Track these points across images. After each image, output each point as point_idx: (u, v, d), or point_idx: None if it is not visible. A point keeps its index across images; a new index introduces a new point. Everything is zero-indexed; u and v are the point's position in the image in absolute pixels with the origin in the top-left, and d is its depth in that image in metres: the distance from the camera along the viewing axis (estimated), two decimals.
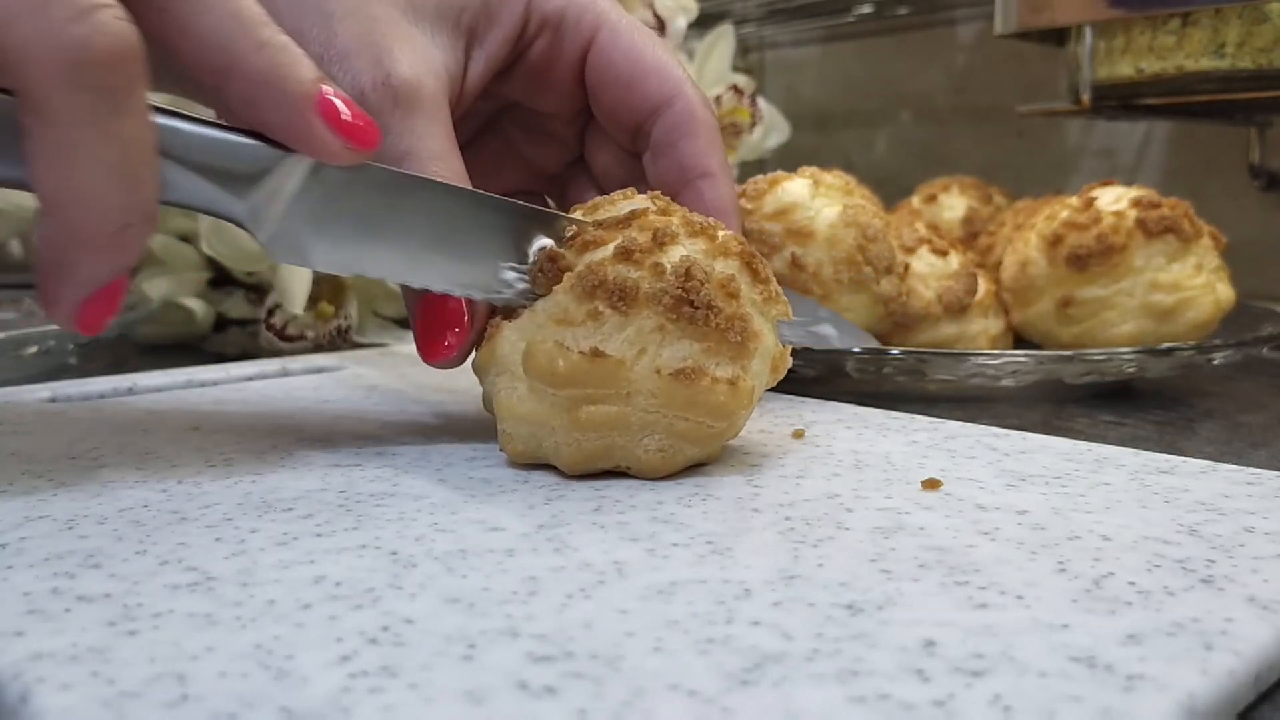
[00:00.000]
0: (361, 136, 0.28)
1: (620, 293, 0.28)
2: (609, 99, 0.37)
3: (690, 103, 0.36)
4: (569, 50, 0.37)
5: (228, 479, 0.29)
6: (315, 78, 0.27)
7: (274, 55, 0.26)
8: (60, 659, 0.18)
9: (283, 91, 0.27)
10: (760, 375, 0.30)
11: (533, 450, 0.30)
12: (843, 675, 0.18)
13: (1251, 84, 0.56)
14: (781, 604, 0.21)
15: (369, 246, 0.29)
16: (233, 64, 0.26)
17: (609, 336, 0.28)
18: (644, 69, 0.36)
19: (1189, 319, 0.48)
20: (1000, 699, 0.17)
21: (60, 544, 0.24)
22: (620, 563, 0.23)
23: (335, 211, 0.29)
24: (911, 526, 0.26)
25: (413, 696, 0.17)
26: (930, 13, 0.90)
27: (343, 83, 0.32)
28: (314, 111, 0.27)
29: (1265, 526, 0.26)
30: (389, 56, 0.32)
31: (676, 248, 0.29)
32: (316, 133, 0.27)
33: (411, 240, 0.30)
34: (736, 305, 0.29)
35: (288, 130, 0.27)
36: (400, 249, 0.30)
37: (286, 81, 0.27)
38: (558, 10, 0.36)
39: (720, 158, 0.37)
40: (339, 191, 0.29)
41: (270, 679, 0.18)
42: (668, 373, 0.28)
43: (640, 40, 0.37)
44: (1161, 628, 0.20)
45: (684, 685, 0.18)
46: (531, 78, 0.38)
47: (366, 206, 0.29)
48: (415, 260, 0.30)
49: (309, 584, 0.22)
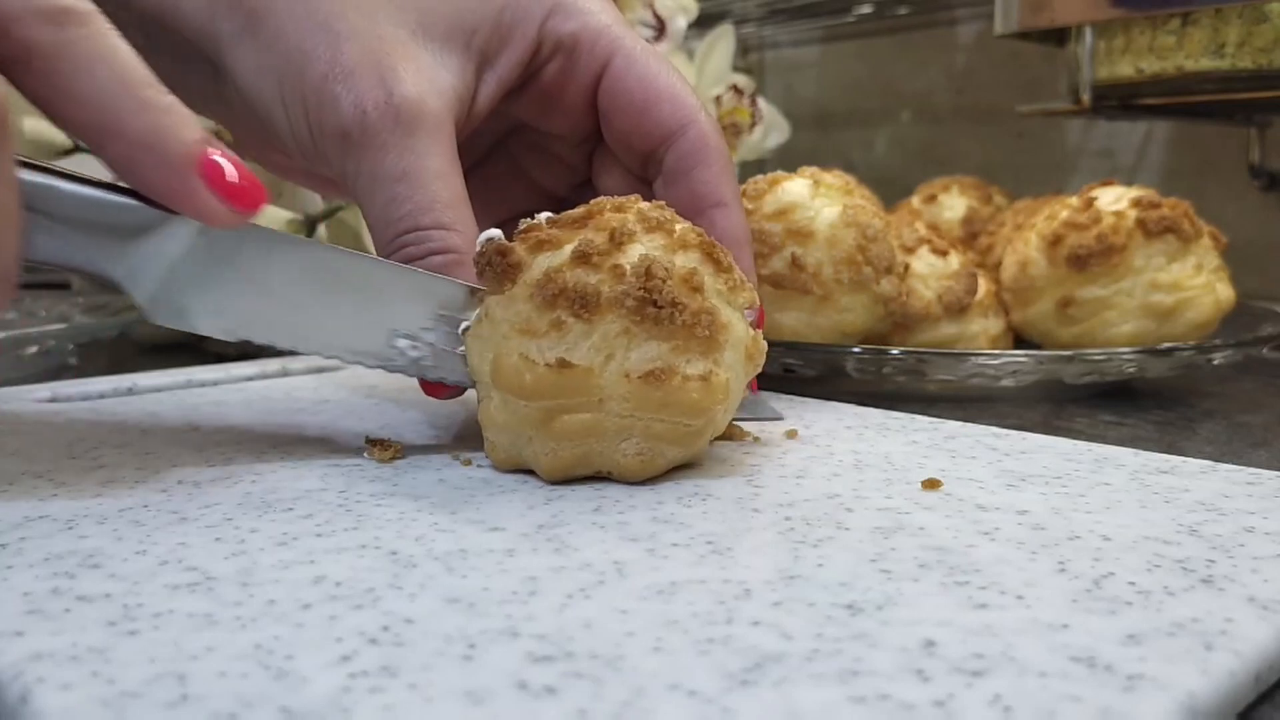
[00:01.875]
0: (246, 199, 0.27)
1: (582, 300, 0.28)
2: (622, 124, 0.37)
3: (703, 131, 0.36)
4: (582, 74, 0.37)
5: (228, 479, 0.29)
6: (199, 139, 0.27)
7: (157, 117, 0.26)
8: (60, 659, 0.18)
9: (164, 153, 0.26)
10: (735, 366, 0.30)
11: (515, 458, 0.30)
12: (843, 675, 0.18)
13: (1251, 84, 0.56)
14: (782, 604, 0.21)
15: (254, 312, 0.29)
16: (114, 126, 0.26)
17: (574, 345, 0.28)
18: (658, 95, 0.36)
19: (1189, 319, 0.48)
20: (1000, 699, 0.17)
21: (60, 544, 0.24)
22: (620, 563, 0.23)
23: (218, 275, 0.28)
24: (911, 526, 0.26)
25: (413, 696, 0.17)
26: (930, 13, 0.90)
27: (345, 100, 0.32)
28: (196, 173, 0.26)
29: (1265, 526, 0.26)
30: (393, 75, 0.32)
31: (635, 246, 0.29)
32: (199, 195, 0.27)
33: (298, 306, 0.29)
34: (701, 299, 0.29)
35: (169, 193, 0.27)
36: (287, 315, 0.29)
37: (168, 143, 0.26)
38: (572, 34, 0.36)
39: (732, 187, 0.37)
40: (222, 254, 0.28)
41: (270, 679, 0.18)
42: (637, 376, 0.28)
43: (655, 67, 0.37)
44: (1161, 628, 0.20)
45: (684, 685, 0.18)
46: (542, 100, 0.38)
47: (252, 271, 0.29)
48: (302, 327, 0.30)
49: (309, 584, 0.22)
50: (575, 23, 0.36)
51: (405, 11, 0.34)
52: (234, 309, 0.29)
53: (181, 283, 0.28)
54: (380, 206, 0.32)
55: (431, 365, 0.31)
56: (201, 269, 0.28)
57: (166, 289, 0.28)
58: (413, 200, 0.32)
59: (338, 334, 0.30)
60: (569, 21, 0.36)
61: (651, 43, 0.68)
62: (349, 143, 0.32)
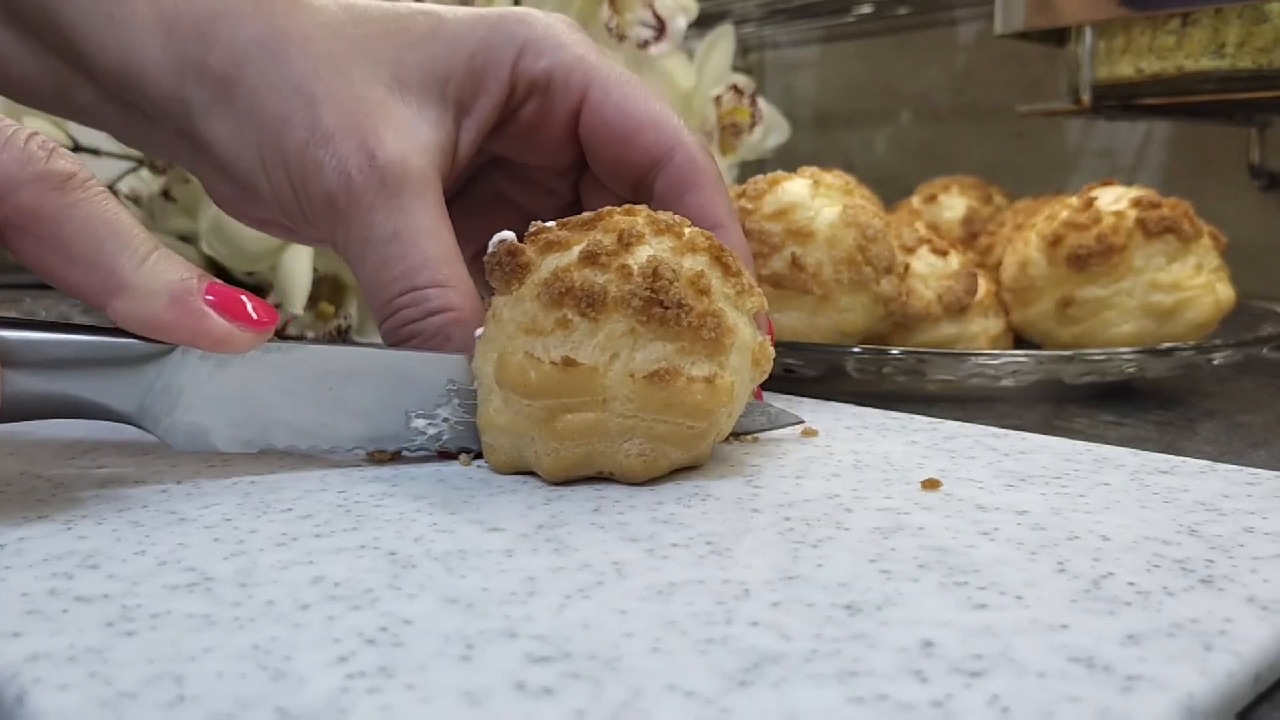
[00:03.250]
0: (259, 319, 0.28)
1: (588, 298, 0.28)
2: (606, 155, 0.37)
3: (690, 153, 0.36)
4: (560, 110, 0.36)
5: (227, 479, 0.29)
6: (199, 274, 0.27)
7: (154, 264, 0.26)
8: (58, 659, 0.18)
9: (169, 294, 0.27)
10: (740, 370, 0.30)
11: (515, 461, 0.30)
12: (841, 675, 0.18)
13: (1251, 84, 0.56)
14: (781, 604, 0.21)
15: (271, 421, 0.29)
16: (116, 283, 0.26)
17: (580, 344, 0.28)
18: (639, 123, 0.36)
19: (1189, 319, 0.48)
20: (999, 699, 0.17)
21: (59, 545, 0.24)
22: (619, 563, 0.23)
23: (230, 394, 0.29)
24: (911, 527, 0.26)
25: (410, 697, 0.17)
26: (930, 13, 0.90)
27: (329, 166, 0.32)
28: (205, 305, 0.27)
29: (1265, 526, 0.26)
30: (374, 138, 0.32)
31: (643, 248, 0.29)
32: (211, 324, 0.27)
33: (313, 408, 0.30)
34: (708, 301, 0.29)
35: (182, 329, 0.27)
36: (304, 419, 0.30)
37: (172, 284, 0.27)
38: (545, 72, 0.36)
39: (726, 206, 0.36)
40: (230, 373, 0.29)
41: (268, 679, 0.18)
42: (642, 376, 0.28)
43: (632, 94, 0.36)
44: (1161, 628, 0.20)
45: (682, 686, 0.18)
46: (523, 137, 0.38)
47: (261, 383, 0.29)
48: (321, 427, 0.30)
49: (308, 584, 0.22)
50: (547, 60, 0.36)
51: (379, 65, 0.34)
52: (251, 423, 0.29)
53: (195, 409, 0.29)
54: (374, 269, 0.32)
55: (450, 439, 0.31)
56: (212, 391, 0.29)
57: (181, 418, 0.29)
58: (406, 261, 0.32)
59: (356, 425, 0.30)
60: (540, 60, 0.36)
61: (652, 43, 0.68)
62: (335, 208, 0.32)
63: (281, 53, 0.32)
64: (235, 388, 0.29)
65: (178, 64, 0.33)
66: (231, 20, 0.33)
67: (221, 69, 0.32)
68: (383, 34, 0.34)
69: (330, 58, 0.33)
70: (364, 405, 0.30)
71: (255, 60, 0.32)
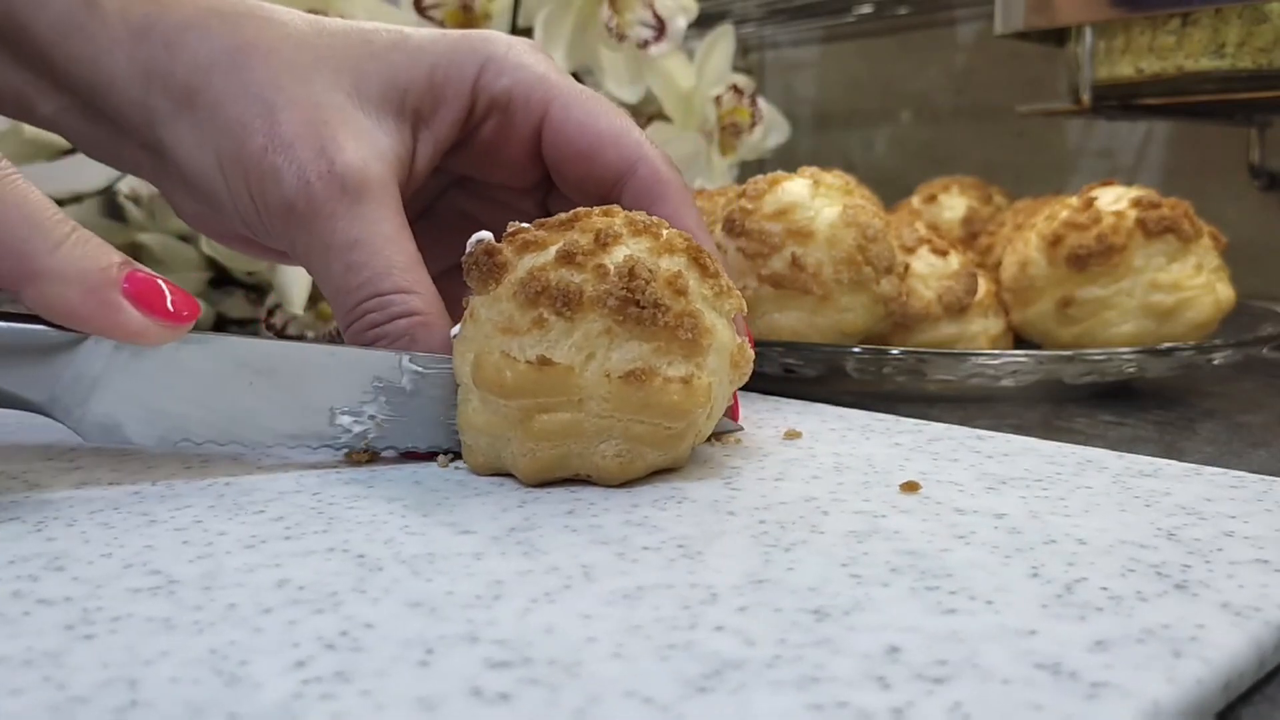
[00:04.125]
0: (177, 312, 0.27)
1: (564, 298, 0.28)
2: (571, 172, 0.37)
3: (653, 166, 0.36)
4: (521, 128, 0.36)
5: (203, 480, 0.29)
6: (118, 261, 0.27)
7: (71, 249, 0.26)
8: (14, 663, 0.18)
9: (84, 282, 0.26)
10: (718, 372, 0.29)
11: (493, 462, 0.30)
12: (802, 682, 0.18)
13: (1251, 84, 0.55)
14: (747, 609, 0.21)
15: (186, 416, 0.29)
16: (30, 268, 0.26)
17: (555, 343, 0.28)
18: (599, 139, 0.36)
19: (1189, 319, 0.48)
20: (960, 706, 0.17)
21: (27, 546, 0.24)
22: (588, 566, 0.23)
23: (143, 386, 0.28)
24: (886, 530, 0.25)
25: (364, 704, 0.17)
26: (930, 13, 0.89)
27: (288, 173, 0.32)
28: (121, 295, 0.27)
29: (1245, 531, 0.25)
30: (333, 144, 0.32)
31: (620, 248, 0.29)
32: (127, 317, 0.27)
33: (230, 402, 0.29)
34: (685, 302, 0.28)
35: (97, 320, 0.27)
36: (220, 413, 0.29)
37: (88, 272, 0.26)
38: (505, 90, 0.36)
39: (694, 214, 0.36)
40: (144, 364, 0.28)
41: (222, 685, 0.18)
42: (618, 376, 0.28)
43: (593, 110, 0.36)
44: (1131, 634, 0.19)
45: (640, 692, 0.17)
46: (484, 155, 0.38)
47: (176, 375, 0.29)
48: (238, 423, 0.29)
49: (272, 588, 0.22)
50: (508, 78, 0.36)
51: (340, 74, 0.33)
52: (166, 417, 0.29)
53: (107, 400, 0.28)
54: (337, 276, 0.32)
55: (377, 436, 0.31)
56: (126, 382, 0.28)
57: (93, 409, 0.28)
58: (370, 267, 0.32)
59: (277, 421, 0.30)
60: (501, 78, 0.36)
61: (652, 43, 0.68)
62: (294, 214, 0.32)
63: (245, 62, 0.33)
64: (150, 379, 0.28)
65: (144, 73, 0.33)
66: (199, 32, 0.33)
67: (187, 78, 0.32)
68: (345, 46, 0.34)
69: (292, 67, 0.33)
70: (284, 400, 0.30)
71: (220, 69, 0.32)
